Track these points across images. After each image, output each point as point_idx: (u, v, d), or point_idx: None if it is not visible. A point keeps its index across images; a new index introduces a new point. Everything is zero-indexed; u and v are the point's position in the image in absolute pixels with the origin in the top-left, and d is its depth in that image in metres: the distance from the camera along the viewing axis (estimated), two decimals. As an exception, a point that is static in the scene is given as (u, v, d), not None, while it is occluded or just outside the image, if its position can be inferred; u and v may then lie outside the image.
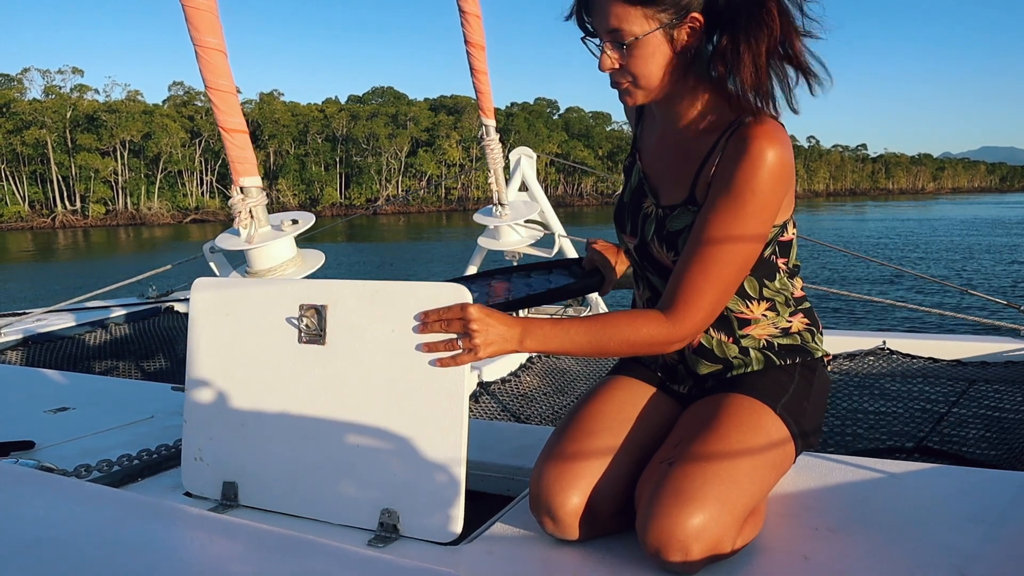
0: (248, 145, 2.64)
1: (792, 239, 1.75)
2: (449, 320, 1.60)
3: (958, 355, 3.37)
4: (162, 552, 1.07)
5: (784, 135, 1.59)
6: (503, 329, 1.59)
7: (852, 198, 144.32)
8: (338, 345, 1.77)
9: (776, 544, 1.58)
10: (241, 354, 1.89)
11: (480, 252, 4.66)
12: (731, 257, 1.59)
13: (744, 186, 1.55)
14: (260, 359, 1.86)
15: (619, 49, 1.59)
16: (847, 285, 17.61)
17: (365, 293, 1.74)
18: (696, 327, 1.62)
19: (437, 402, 1.66)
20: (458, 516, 1.64)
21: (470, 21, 3.82)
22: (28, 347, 4.34)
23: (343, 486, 1.75)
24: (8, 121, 77.21)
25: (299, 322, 1.80)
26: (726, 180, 1.58)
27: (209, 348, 1.95)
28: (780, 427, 1.66)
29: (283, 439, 1.83)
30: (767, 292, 1.74)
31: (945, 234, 36.89)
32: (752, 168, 1.54)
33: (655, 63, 1.58)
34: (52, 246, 47.78)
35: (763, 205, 1.57)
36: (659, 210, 1.74)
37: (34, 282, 24.49)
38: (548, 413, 3.19)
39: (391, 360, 1.70)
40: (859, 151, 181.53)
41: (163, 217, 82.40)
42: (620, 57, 1.59)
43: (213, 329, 1.94)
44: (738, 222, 1.57)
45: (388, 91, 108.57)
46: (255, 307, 1.88)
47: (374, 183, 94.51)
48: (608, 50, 1.60)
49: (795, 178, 1.66)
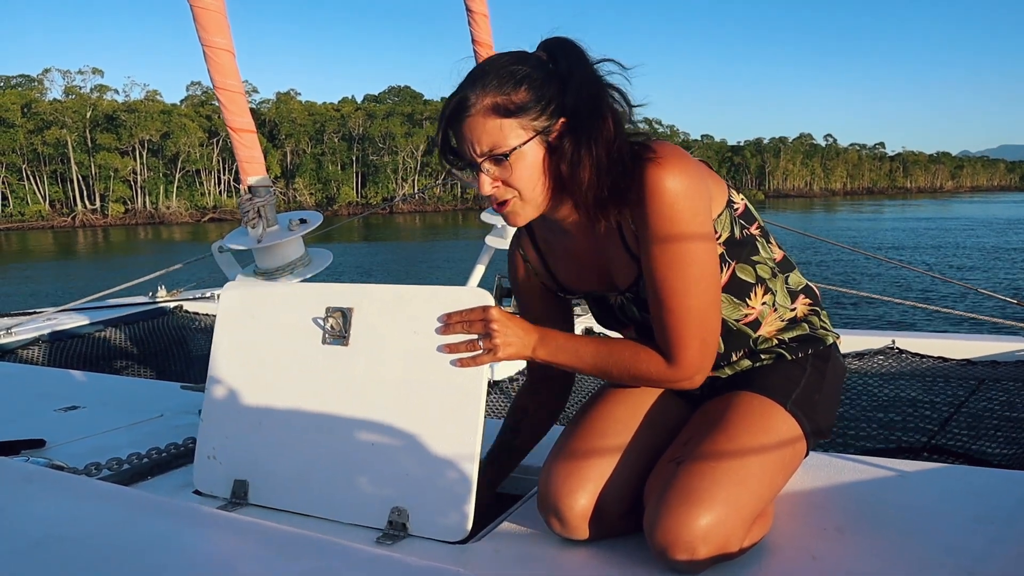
0: (256, 145, 2.64)
1: (745, 205, 1.73)
2: (471, 321, 1.68)
3: (968, 354, 3.35)
4: (171, 550, 1.07)
5: (666, 151, 1.56)
6: (522, 333, 1.66)
7: (870, 197, 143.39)
8: (361, 345, 1.81)
9: (784, 543, 1.58)
10: (264, 353, 1.93)
11: (488, 251, 4.65)
12: (691, 289, 1.57)
13: (663, 224, 1.54)
14: (282, 358, 1.90)
15: (499, 165, 1.57)
16: (857, 284, 17.50)
17: (390, 297, 1.81)
18: (696, 364, 1.62)
19: (456, 401, 1.69)
20: (468, 515, 1.64)
21: (478, 20, 3.81)
22: (39, 346, 4.38)
23: (354, 484, 1.77)
24: (29, 121, 77.84)
25: (324, 323, 1.84)
26: (646, 226, 1.56)
27: (232, 347, 1.98)
28: (791, 425, 1.65)
29: (297, 436, 1.85)
30: (759, 269, 1.71)
31: (959, 233, 36.56)
32: (660, 204, 1.53)
33: (536, 171, 1.57)
34: (72, 245, 48.11)
35: (691, 226, 1.55)
36: (627, 294, 1.73)
37: (53, 281, 24.66)
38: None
39: (412, 360, 1.75)
40: (877, 149, 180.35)
41: (181, 216, 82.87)
42: (500, 174, 1.57)
43: (238, 329, 1.98)
44: (678, 256, 1.56)
45: (404, 90, 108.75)
46: (282, 308, 1.93)
47: (390, 182, 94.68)
48: (488, 171, 1.57)
49: (704, 167, 1.66)
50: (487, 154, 1.56)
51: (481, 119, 1.54)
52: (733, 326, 1.72)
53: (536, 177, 1.58)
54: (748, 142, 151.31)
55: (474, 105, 1.54)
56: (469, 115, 1.55)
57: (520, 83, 1.53)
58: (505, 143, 1.54)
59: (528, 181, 1.58)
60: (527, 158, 1.56)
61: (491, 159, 1.57)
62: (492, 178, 1.58)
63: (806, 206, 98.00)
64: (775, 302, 1.74)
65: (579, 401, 3.30)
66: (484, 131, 1.54)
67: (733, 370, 1.76)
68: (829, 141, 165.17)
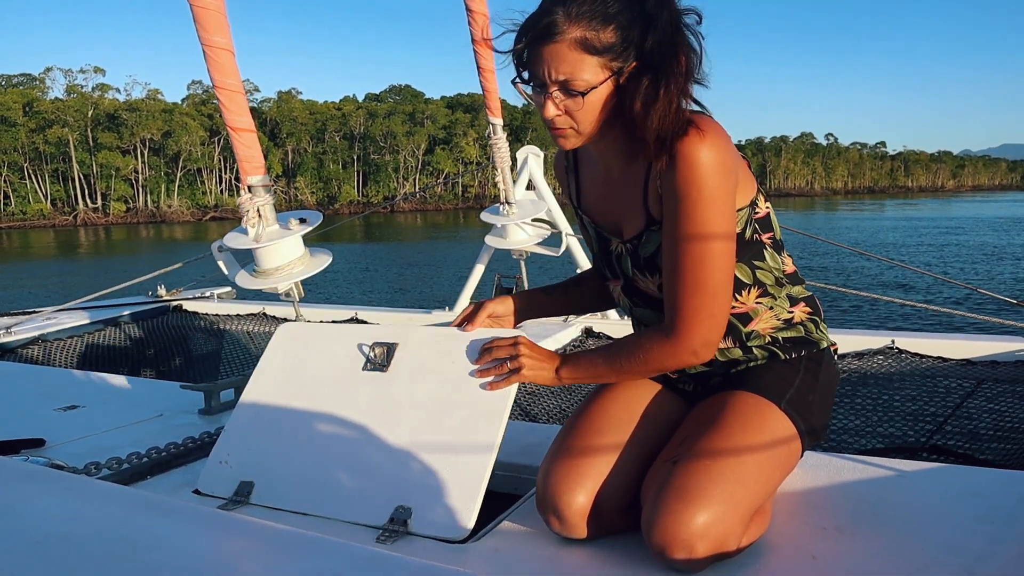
0: (256, 144, 2.63)
1: (768, 213, 1.74)
2: (502, 347, 1.79)
3: (967, 354, 3.35)
4: (171, 550, 1.07)
5: (709, 126, 1.58)
6: (546, 360, 1.77)
7: (871, 196, 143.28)
8: (399, 371, 1.92)
9: (784, 543, 1.58)
10: (306, 376, 2.03)
11: (487, 251, 4.66)
12: (707, 261, 1.59)
13: (690, 192, 1.56)
14: (323, 381, 1.99)
15: (569, 97, 1.57)
16: (856, 284, 17.49)
17: (434, 335, 1.95)
18: (704, 338, 1.63)
19: (479, 415, 1.77)
20: (472, 515, 1.65)
21: (477, 20, 3.80)
22: (38, 345, 4.38)
23: (358, 483, 1.77)
24: (31, 120, 77.93)
25: (368, 352, 1.98)
26: (673, 193, 1.58)
27: (276, 368, 2.08)
28: (785, 424, 1.66)
29: (312, 440, 1.88)
30: (759, 275, 1.72)
31: (960, 233, 36.53)
32: (690, 173, 1.55)
33: (600, 108, 1.58)
34: (73, 244, 48.11)
35: (716, 202, 1.57)
36: (626, 245, 1.76)
37: (54, 280, 24.66)
38: (555, 411, 3.19)
39: (444, 382, 1.86)
40: (878, 148, 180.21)
41: (183, 215, 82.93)
42: (567, 105, 1.58)
43: (286, 355, 2.09)
44: (699, 227, 1.57)
45: (405, 89, 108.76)
46: (331, 343, 2.05)
47: (391, 181, 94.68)
48: (556, 98, 1.58)
49: (742, 160, 1.67)
50: (561, 83, 1.56)
51: (565, 48, 1.53)
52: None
53: (598, 113, 1.59)
54: (749, 141, 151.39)
55: (561, 33, 1.52)
56: (554, 41, 1.53)
57: (610, 21, 1.52)
58: (582, 78, 1.54)
59: (590, 116, 1.59)
60: (597, 95, 1.56)
61: (563, 89, 1.56)
62: (557, 106, 1.58)
63: (807, 205, 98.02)
64: (772, 304, 1.75)
65: (577, 401, 3.31)
66: (564, 60, 1.53)
67: (724, 357, 1.76)
68: (830, 140, 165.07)
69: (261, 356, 2.11)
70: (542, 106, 1.59)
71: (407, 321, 4.60)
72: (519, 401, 3.16)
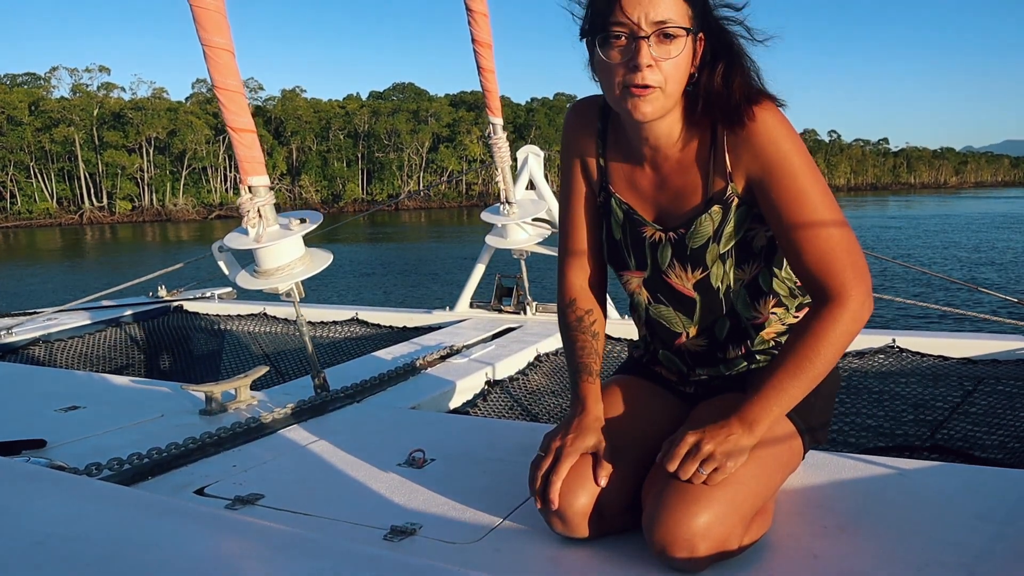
0: (256, 144, 2.63)
1: None
2: (688, 469, 1.51)
3: (968, 353, 3.34)
4: (172, 550, 1.07)
5: (772, 103, 1.58)
6: (723, 434, 1.53)
7: (873, 193, 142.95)
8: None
9: (785, 542, 1.58)
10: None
11: (488, 250, 4.65)
12: (836, 215, 1.55)
13: (790, 148, 1.54)
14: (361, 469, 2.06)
15: (667, 42, 1.49)
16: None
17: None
18: (867, 285, 1.55)
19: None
20: (475, 515, 1.65)
21: (477, 20, 3.79)
22: (39, 346, 4.39)
23: (362, 485, 1.78)
24: (37, 119, 77.97)
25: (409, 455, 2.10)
26: (766, 157, 1.55)
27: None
28: (786, 424, 1.66)
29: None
30: (776, 284, 1.72)
31: (960, 230, 36.41)
32: (782, 131, 1.55)
33: (687, 66, 1.55)
34: (80, 243, 48.16)
35: (808, 156, 1.57)
36: (671, 233, 1.70)
37: (59, 280, 24.69)
38: (556, 410, 3.19)
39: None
40: (880, 145, 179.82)
41: (188, 213, 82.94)
42: (661, 53, 1.50)
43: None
44: (812, 179, 1.55)
45: (409, 87, 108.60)
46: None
47: (396, 179, 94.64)
48: (652, 44, 1.48)
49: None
50: (659, 25, 1.48)
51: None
52: (743, 323, 1.73)
53: (685, 72, 1.55)
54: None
55: None
56: None
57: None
58: (681, 21, 1.50)
59: (680, 72, 1.53)
60: (686, 47, 1.52)
61: (661, 33, 1.49)
62: (650, 55, 1.49)
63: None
64: (783, 314, 1.76)
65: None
66: (663, 2, 1.48)
67: (729, 371, 1.76)
68: (833, 137, 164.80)
69: (263, 357, 2.12)
70: (639, 54, 1.49)
71: (407, 321, 4.60)
72: (519, 401, 3.16)
